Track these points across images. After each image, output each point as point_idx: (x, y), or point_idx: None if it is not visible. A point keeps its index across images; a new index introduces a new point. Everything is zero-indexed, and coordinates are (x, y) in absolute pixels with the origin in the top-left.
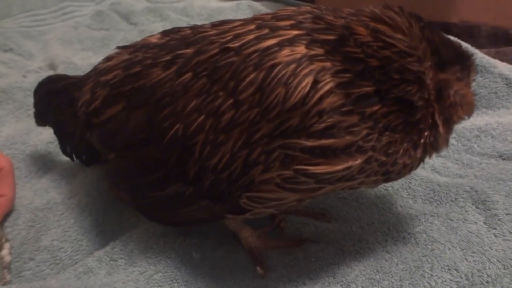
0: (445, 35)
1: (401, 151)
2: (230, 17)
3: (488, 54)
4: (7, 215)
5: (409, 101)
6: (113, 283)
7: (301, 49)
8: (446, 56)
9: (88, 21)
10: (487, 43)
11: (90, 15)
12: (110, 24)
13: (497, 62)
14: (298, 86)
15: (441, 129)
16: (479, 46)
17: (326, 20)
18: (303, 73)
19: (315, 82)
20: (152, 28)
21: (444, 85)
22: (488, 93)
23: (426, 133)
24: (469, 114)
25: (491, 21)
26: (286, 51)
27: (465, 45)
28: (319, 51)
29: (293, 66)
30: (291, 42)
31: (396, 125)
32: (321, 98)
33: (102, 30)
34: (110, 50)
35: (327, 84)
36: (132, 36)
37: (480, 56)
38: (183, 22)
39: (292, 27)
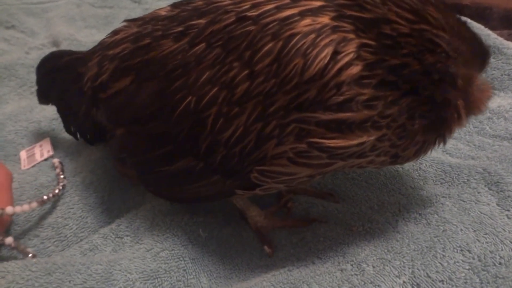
0: (471, 28)
1: (415, 138)
2: None
3: (501, 36)
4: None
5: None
6: (119, 260)
7: (323, 20)
8: (473, 51)
9: None
10: (499, 25)
11: None
12: (113, 2)
13: (510, 44)
14: (317, 57)
15: (464, 122)
16: (491, 28)
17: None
18: (322, 43)
19: (335, 52)
20: (156, 6)
21: (468, 80)
22: (501, 75)
23: (452, 127)
24: (485, 109)
25: (503, 2)
26: (307, 21)
27: (479, 27)
28: (348, 26)
29: (312, 36)
30: (315, 12)
31: (417, 112)
32: (340, 70)
33: (106, 8)
34: (114, 28)
35: (347, 55)
36: (136, 14)
37: (493, 37)
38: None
39: None
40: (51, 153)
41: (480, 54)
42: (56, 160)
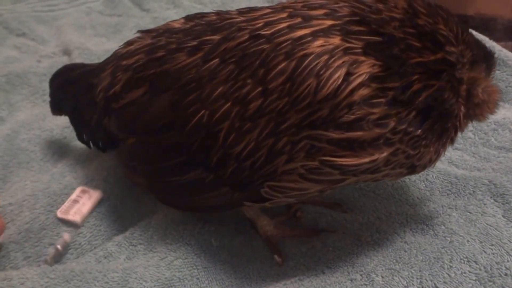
0: (473, 33)
1: (428, 145)
2: (243, 5)
3: (505, 48)
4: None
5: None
6: (134, 267)
7: (335, 40)
8: (477, 55)
9: (100, 7)
10: (504, 36)
11: (102, 1)
12: (122, 10)
13: None
14: (330, 78)
15: (462, 128)
16: (495, 39)
17: (370, 19)
18: (335, 64)
19: (348, 74)
20: (165, 15)
21: (472, 83)
22: (506, 87)
23: (452, 133)
24: (493, 112)
25: (508, 13)
26: (319, 42)
27: (483, 38)
28: (357, 43)
29: (325, 57)
30: (326, 32)
31: (425, 123)
32: (353, 90)
33: (115, 16)
34: (123, 36)
35: (360, 76)
36: (145, 22)
37: (498, 49)
38: (196, 9)
39: (326, 15)
40: (78, 218)
41: (485, 58)
42: (66, 235)
